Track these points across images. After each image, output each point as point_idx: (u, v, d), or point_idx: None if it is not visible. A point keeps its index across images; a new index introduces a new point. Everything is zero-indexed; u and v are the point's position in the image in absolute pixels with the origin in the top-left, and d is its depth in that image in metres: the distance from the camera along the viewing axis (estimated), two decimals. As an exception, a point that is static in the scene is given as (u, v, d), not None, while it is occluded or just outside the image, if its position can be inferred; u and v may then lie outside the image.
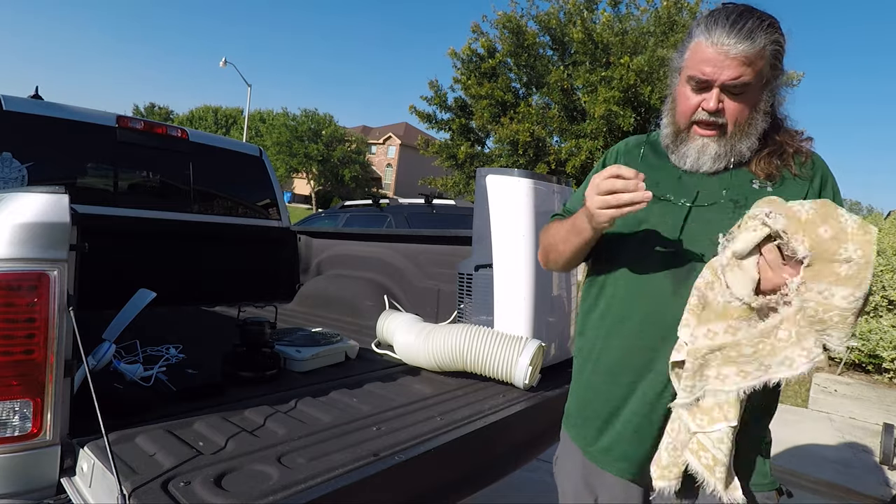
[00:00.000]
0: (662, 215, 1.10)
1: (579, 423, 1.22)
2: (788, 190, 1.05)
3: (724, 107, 1.03)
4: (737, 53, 0.98)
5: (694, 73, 1.03)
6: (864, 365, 6.03)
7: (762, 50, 0.99)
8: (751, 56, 0.98)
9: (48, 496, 1.20)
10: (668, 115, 1.14)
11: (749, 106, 1.04)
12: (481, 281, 2.12)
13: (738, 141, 1.05)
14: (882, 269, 6.08)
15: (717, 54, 0.99)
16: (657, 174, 1.14)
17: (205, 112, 47.77)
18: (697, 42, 1.03)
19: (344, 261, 3.30)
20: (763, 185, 1.07)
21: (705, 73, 1.01)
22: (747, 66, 0.99)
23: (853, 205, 68.91)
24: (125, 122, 2.98)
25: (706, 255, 1.03)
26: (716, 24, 1.00)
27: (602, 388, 1.15)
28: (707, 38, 1.00)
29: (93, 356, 1.57)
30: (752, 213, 0.94)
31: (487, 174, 2.08)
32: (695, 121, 1.07)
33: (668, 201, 1.10)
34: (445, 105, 12.21)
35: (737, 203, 1.06)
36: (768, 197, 0.96)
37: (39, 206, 1.16)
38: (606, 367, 1.14)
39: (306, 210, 32.33)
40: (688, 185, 1.11)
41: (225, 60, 22.79)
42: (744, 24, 0.98)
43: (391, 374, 1.95)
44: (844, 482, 3.22)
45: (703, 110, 1.04)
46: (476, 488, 1.54)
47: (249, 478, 1.12)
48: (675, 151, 1.12)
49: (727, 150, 1.06)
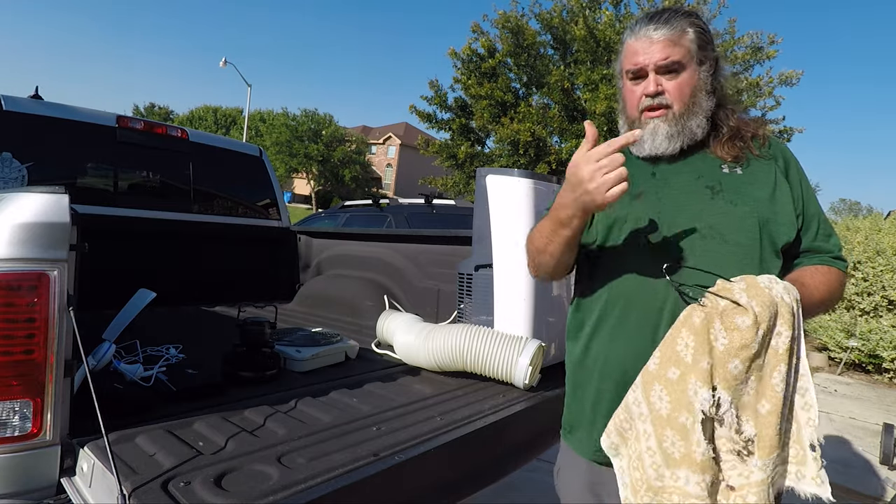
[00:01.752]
0: (642, 211, 1.11)
1: (583, 436, 1.19)
2: (756, 170, 1.11)
3: (664, 88, 1.10)
4: (660, 37, 1.08)
5: (629, 66, 1.12)
6: (864, 365, 6.02)
7: (683, 31, 1.09)
8: (673, 37, 1.08)
9: (48, 496, 1.20)
10: (621, 117, 1.20)
11: (688, 85, 1.10)
12: (481, 281, 2.12)
13: (686, 119, 1.10)
14: (882, 269, 6.08)
15: (643, 43, 1.10)
16: (630, 171, 1.15)
17: (205, 112, 47.76)
18: (626, 43, 1.14)
19: (344, 261, 3.31)
20: (732, 167, 1.11)
21: (637, 62, 1.10)
22: (673, 47, 1.08)
23: (853, 205, 68.74)
24: (125, 122, 2.98)
25: (688, 246, 1.06)
26: (637, 23, 1.13)
27: (602, 392, 1.14)
28: (632, 35, 1.13)
29: (93, 356, 1.57)
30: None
31: (487, 174, 2.08)
32: (642, 108, 1.12)
33: (645, 197, 1.13)
34: (445, 105, 12.21)
35: (713, 189, 1.09)
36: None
37: (39, 206, 1.16)
38: (604, 372, 1.13)
39: (306, 210, 32.33)
40: (661, 179, 1.14)
41: (225, 60, 22.79)
42: (661, 16, 1.10)
43: (391, 374, 1.95)
44: (844, 482, 3.22)
45: (645, 96, 1.11)
46: (476, 488, 1.54)
47: (249, 478, 1.12)
48: (633, 143, 1.11)
49: (678, 130, 1.10)
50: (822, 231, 1.13)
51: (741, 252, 1.04)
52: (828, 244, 1.13)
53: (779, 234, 1.07)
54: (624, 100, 1.18)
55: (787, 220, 1.08)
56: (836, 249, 1.13)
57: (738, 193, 1.08)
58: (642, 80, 1.11)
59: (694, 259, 1.05)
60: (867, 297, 6.12)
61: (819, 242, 1.13)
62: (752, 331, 0.88)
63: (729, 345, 0.89)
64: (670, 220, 1.09)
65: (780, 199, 1.09)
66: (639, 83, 1.12)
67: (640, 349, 1.06)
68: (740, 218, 1.06)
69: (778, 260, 1.08)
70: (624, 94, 1.17)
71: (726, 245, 1.05)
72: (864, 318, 6.06)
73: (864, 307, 6.08)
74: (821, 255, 1.13)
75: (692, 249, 1.05)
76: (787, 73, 10.27)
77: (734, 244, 1.05)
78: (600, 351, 1.15)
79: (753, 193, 1.08)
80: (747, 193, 1.08)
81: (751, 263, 1.04)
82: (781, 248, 1.08)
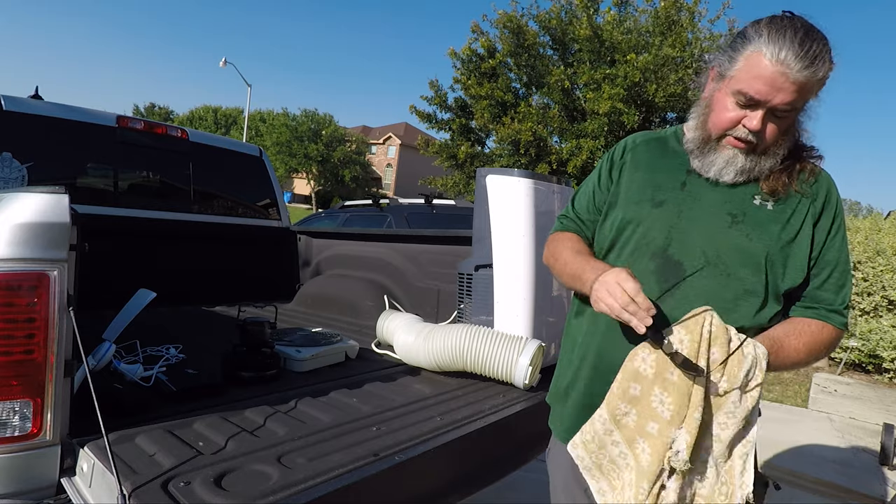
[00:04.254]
0: (658, 220, 1.09)
1: (557, 411, 1.25)
2: (788, 208, 1.05)
3: (764, 129, 0.99)
4: (797, 79, 0.91)
5: (746, 90, 0.95)
6: (864, 365, 6.02)
7: (821, 80, 0.93)
8: (809, 84, 0.92)
9: (48, 496, 1.20)
10: (699, 119, 1.09)
11: (785, 130, 1.01)
12: (481, 281, 2.12)
13: (764, 160, 1.03)
14: (882, 269, 6.08)
15: (778, 75, 0.91)
16: (660, 176, 1.14)
17: (205, 112, 47.78)
18: (756, 53, 0.94)
19: (344, 261, 3.30)
20: (765, 201, 1.05)
21: (759, 91, 0.94)
22: (802, 93, 0.93)
23: (853, 205, 68.85)
24: (125, 122, 2.98)
25: (691, 267, 1.04)
26: (783, 38, 0.91)
27: (579, 373, 1.17)
28: (770, 52, 0.92)
29: (93, 356, 1.56)
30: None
31: (487, 174, 2.08)
32: (730, 135, 1.02)
33: (667, 206, 1.10)
34: (445, 105, 12.20)
35: (734, 217, 1.05)
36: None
37: (39, 206, 1.16)
38: (592, 366, 1.14)
39: (306, 210, 32.34)
40: (690, 192, 1.10)
41: (225, 60, 22.79)
42: (810, 47, 0.90)
43: (391, 374, 1.95)
44: (844, 482, 3.22)
45: (743, 127, 0.99)
46: (476, 488, 1.54)
47: (249, 478, 1.12)
48: (700, 157, 1.08)
49: (752, 166, 1.03)
50: (833, 280, 1.06)
51: (741, 287, 1.02)
52: (834, 295, 1.05)
53: (784, 279, 1.03)
54: (710, 107, 1.05)
55: (797, 266, 1.03)
56: (840, 303, 1.05)
57: (758, 228, 1.03)
58: (748, 109, 0.98)
59: (692, 282, 1.03)
60: (867, 297, 6.12)
61: (824, 291, 1.06)
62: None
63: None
64: (681, 236, 1.07)
65: (799, 244, 1.03)
66: (743, 110, 0.99)
67: (620, 348, 1.08)
68: (752, 253, 1.02)
69: (777, 304, 1.05)
70: (714, 102, 1.04)
71: (728, 277, 1.02)
72: (864, 318, 6.06)
73: (864, 307, 6.08)
74: (818, 308, 1.06)
75: (693, 272, 1.04)
76: None
77: (736, 278, 1.02)
78: (586, 338, 1.18)
79: (775, 232, 1.03)
80: (768, 230, 1.03)
81: (749, 300, 1.02)
82: (784, 292, 1.05)
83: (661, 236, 1.08)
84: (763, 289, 1.03)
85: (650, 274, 1.06)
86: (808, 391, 5.18)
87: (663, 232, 1.08)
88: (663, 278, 1.05)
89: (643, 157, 1.20)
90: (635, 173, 1.18)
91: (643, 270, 1.07)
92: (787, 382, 5.46)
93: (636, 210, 1.13)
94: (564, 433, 1.20)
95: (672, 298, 1.04)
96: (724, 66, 1.01)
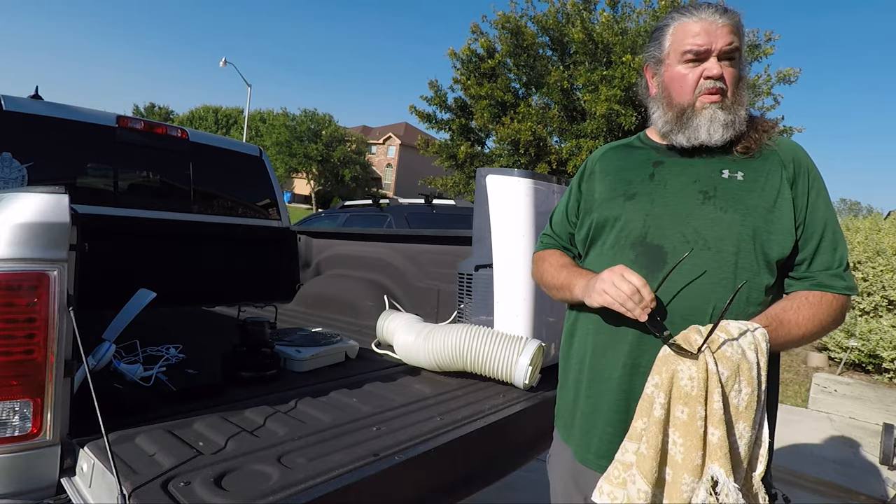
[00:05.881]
0: (633, 212, 1.12)
1: (568, 422, 1.23)
2: (759, 177, 1.07)
3: (723, 73, 1.06)
4: (724, 22, 1.06)
5: (689, 46, 1.07)
6: (864, 365, 6.02)
7: (739, 22, 1.08)
8: (733, 26, 1.07)
9: (48, 496, 1.20)
10: (663, 105, 1.14)
11: (738, 74, 1.09)
12: (481, 281, 2.12)
13: (737, 109, 1.07)
14: (882, 269, 6.08)
15: (707, 24, 1.06)
16: (629, 173, 1.18)
17: (205, 112, 47.77)
18: (679, 25, 1.10)
19: (344, 261, 3.30)
20: (733, 173, 1.08)
21: (701, 42, 1.06)
22: (734, 35, 1.06)
23: (853, 205, 68.71)
24: (125, 122, 2.98)
25: (672, 250, 1.05)
26: (693, 7, 1.09)
27: (584, 387, 1.16)
28: (690, 17, 1.08)
29: (93, 356, 1.57)
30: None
31: (487, 174, 2.08)
32: (700, 91, 1.08)
33: (638, 198, 1.13)
34: (445, 105, 12.19)
35: (706, 194, 1.07)
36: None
37: (39, 206, 1.16)
38: (588, 367, 1.15)
39: (306, 210, 32.34)
40: (659, 180, 1.13)
41: (225, 60, 22.78)
42: (717, 6, 1.08)
43: (391, 374, 1.95)
44: (844, 482, 3.22)
45: (706, 78, 1.07)
46: (476, 488, 1.54)
47: (249, 478, 1.12)
48: (684, 130, 1.09)
49: (732, 119, 1.07)
50: (826, 243, 1.05)
51: (723, 259, 1.02)
52: (830, 258, 1.05)
53: (771, 246, 1.03)
54: (669, 86, 1.12)
55: (782, 230, 1.03)
56: (839, 265, 1.05)
57: (730, 200, 1.05)
58: (699, 64, 1.07)
59: (680, 264, 1.03)
60: (867, 297, 6.11)
61: (819, 255, 1.05)
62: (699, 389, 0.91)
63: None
64: (656, 222, 1.09)
65: (780, 209, 1.04)
66: (696, 66, 1.07)
67: (614, 347, 1.09)
68: (728, 225, 1.03)
69: (770, 274, 1.04)
70: (670, 80, 1.11)
71: (709, 251, 1.03)
72: (863, 318, 6.06)
73: (864, 307, 6.08)
74: (814, 277, 1.05)
75: (675, 254, 1.05)
76: (785, 70, 10.26)
77: (716, 251, 1.03)
78: (577, 344, 1.19)
79: (749, 201, 1.04)
80: (742, 201, 1.04)
81: (732, 272, 1.02)
82: (777, 260, 1.04)
83: (638, 226, 1.10)
84: (753, 259, 1.03)
85: (631, 263, 1.07)
86: (808, 391, 5.18)
87: (639, 222, 1.10)
88: (646, 265, 1.06)
89: (612, 163, 1.24)
90: (606, 178, 1.23)
91: (625, 262, 1.08)
92: (787, 382, 5.46)
93: (611, 207, 1.16)
94: (589, 454, 1.16)
95: (666, 283, 1.03)
96: (656, 54, 1.15)
